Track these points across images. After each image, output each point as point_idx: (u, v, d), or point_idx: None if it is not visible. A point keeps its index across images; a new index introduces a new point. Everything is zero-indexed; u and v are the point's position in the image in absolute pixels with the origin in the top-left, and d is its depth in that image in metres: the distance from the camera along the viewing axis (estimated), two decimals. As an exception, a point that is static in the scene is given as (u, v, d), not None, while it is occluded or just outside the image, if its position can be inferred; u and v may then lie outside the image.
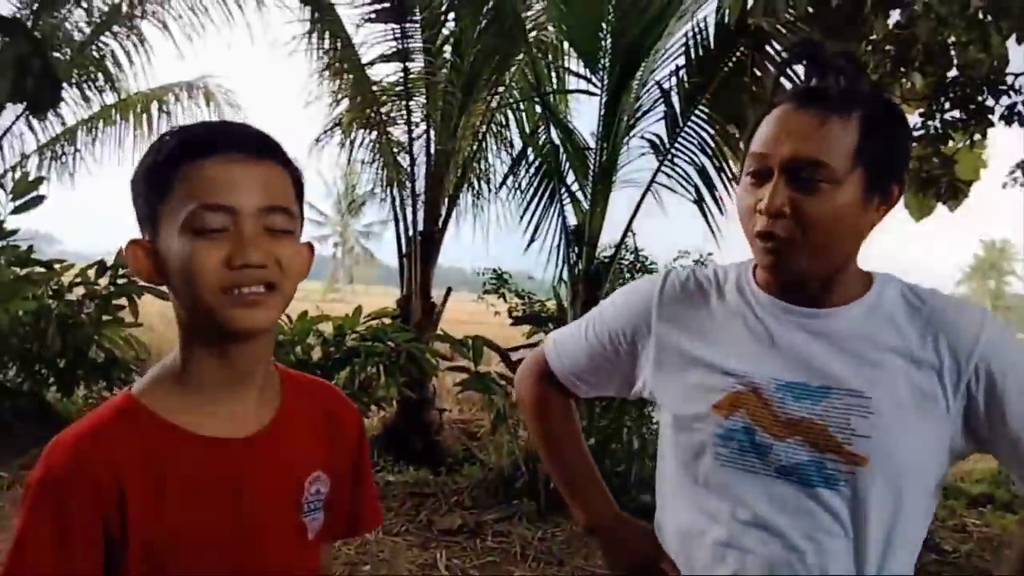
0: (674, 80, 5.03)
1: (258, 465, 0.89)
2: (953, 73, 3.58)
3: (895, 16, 3.47)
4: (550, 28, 6.14)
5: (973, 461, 6.09)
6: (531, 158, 5.55)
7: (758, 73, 5.10)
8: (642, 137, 5.08)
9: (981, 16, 3.16)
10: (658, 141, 5.15)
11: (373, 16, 6.10)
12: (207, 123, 0.95)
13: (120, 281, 5.50)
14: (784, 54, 5.09)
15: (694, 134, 5.22)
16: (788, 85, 1.16)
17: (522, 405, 1.39)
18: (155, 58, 8.00)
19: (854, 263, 1.07)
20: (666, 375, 1.14)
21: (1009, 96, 3.33)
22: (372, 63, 6.25)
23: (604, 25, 4.91)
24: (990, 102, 3.49)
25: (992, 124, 3.48)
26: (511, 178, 5.64)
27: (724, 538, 1.05)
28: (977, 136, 3.57)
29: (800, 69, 1.17)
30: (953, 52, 3.38)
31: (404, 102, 6.15)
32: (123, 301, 5.51)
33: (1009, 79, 3.40)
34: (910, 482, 1.01)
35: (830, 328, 1.04)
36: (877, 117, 1.00)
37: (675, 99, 5.07)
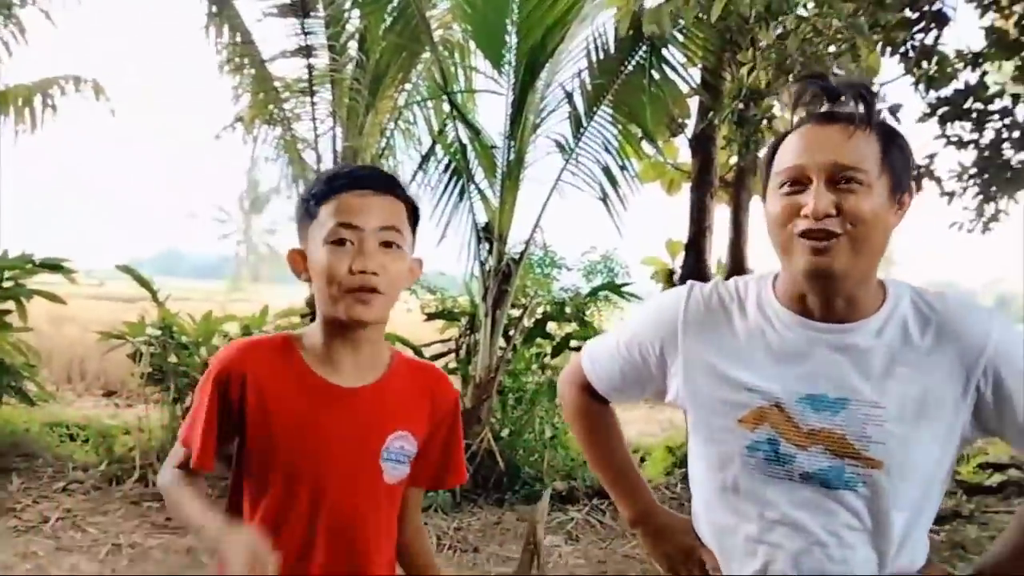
0: (577, 82, 5.19)
1: (353, 409, 1.22)
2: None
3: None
4: (455, 27, 6.21)
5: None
6: (440, 156, 5.61)
7: (655, 76, 5.36)
8: (548, 137, 5.20)
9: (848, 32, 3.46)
10: (563, 141, 5.30)
11: (275, 11, 5.99)
12: (346, 166, 1.33)
13: (6, 284, 5.21)
14: (682, 61, 5.38)
15: (598, 134, 5.42)
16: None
17: (566, 411, 1.51)
18: (36, 50, 7.55)
19: (875, 275, 1.14)
20: (694, 388, 1.22)
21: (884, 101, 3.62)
22: (274, 59, 6.12)
23: (508, 26, 5.02)
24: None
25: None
26: (420, 175, 5.69)
27: (755, 534, 1.17)
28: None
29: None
30: (828, 62, 3.66)
31: (309, 98, 6.06)
32: (9, 305, 5.23)
33: (875, 88, 3.71)
34: (923, 476, 1.12)
35: (848, 342, 1.12)
36: (891, 133, 1.11)
37: (578, 100, 5.24)
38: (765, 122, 3.67)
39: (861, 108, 1.11)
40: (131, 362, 5.15)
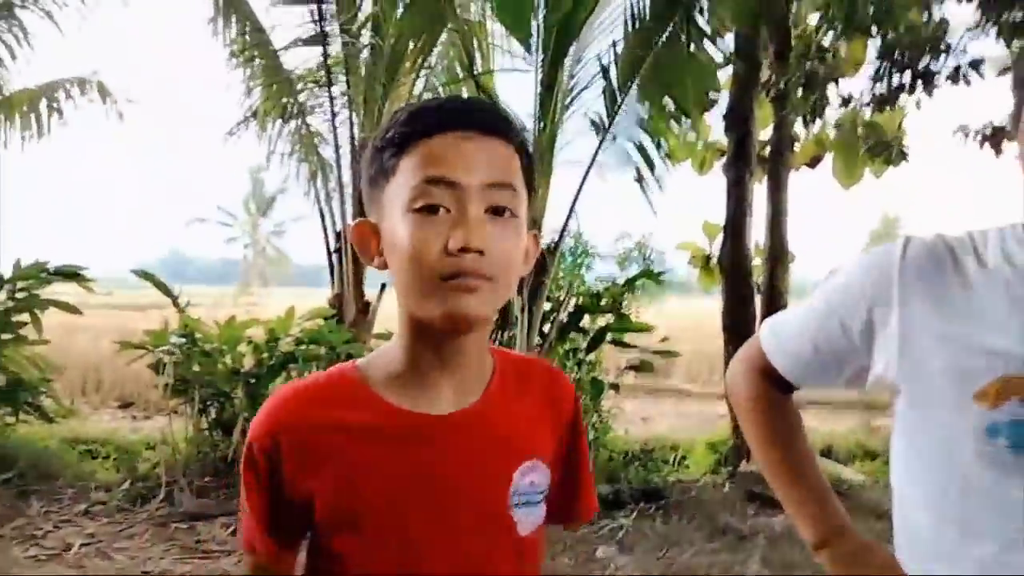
0: (611, 54, 4.88)
1: (460, 442, 0.86)
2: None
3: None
4: (473, 8, 5.91)
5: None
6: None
7: (691, 47, 5.04)
8: (585, 115, 4.90)
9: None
10: (598, 119, 5.00)
11: (284, -2, 5.72)
12: (437, 99, 0.90)
13: (19, 295, 4.96)
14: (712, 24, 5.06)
15: (632, 111, 5.11)
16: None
17: (735, 402, 1.19)
18: (41, 52, 7.32)
19: None
20: (912, 359, 0.94)
21: (953, 56, 3.31)
22: (287, 48, 5.85)
23: (535, 1, 4.72)
24: (934, 65, 3.47)
25: (937, 85, 3.46)
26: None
27: (991, 557, 0.87)
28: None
29: None
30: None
31: (326, 88, 5.78)
32: (24, 317, 4.98)
33: (952, 41, 3.38)
34: None
35: None
36: None
37: (613, 74, 4.93)
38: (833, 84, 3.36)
39: None
40: (148, 372, 4.89)
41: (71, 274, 5.19)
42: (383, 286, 6.26)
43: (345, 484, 0.84)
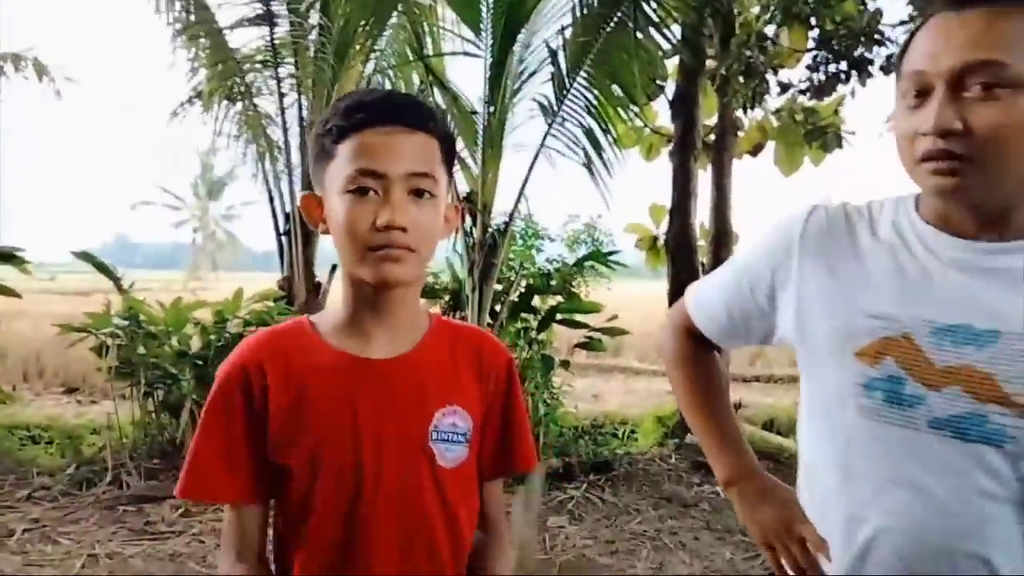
0: (560, 39, 4.94)
1: (391, 384, 1.02)
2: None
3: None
4: (423, -10, 5.89)
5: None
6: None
7: (639, 35, 5.13)
8: (533, 99, 4.95)
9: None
10: (547, 103, 5.06)
11: (231, -24, 5.61)
12: (370, 93, 1.02)
13: (-45, 279, 4.83)
14: (658, 13, 5.17)
15: (579, 96, 5.18)
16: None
17: (665, 359, 1.30)
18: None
19: None
20: (805, 318, 1.03)
21: (886, 47, 3.46)
22: (233, 27, 5.75)
23: (485, -16, 4.74)
24: (868, 54, 3.62)
25: (871, 75, 3.61)
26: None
27: (866, 498, 0.95)
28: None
29: None
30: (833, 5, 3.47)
31: (273, 70, 5.71)
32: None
33: (886, 31, 3.53)
34: None
35: (1004, 264, 0.91)
36: None
37: (561, 59, 4.99)
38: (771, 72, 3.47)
39: None
40: (93, 357, 4.81)
41: (7, 256, 5.06)
42: (333, 267, 6.23)
43: (296, 407, 1.00)
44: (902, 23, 3.78)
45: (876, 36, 3.53)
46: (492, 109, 4.94)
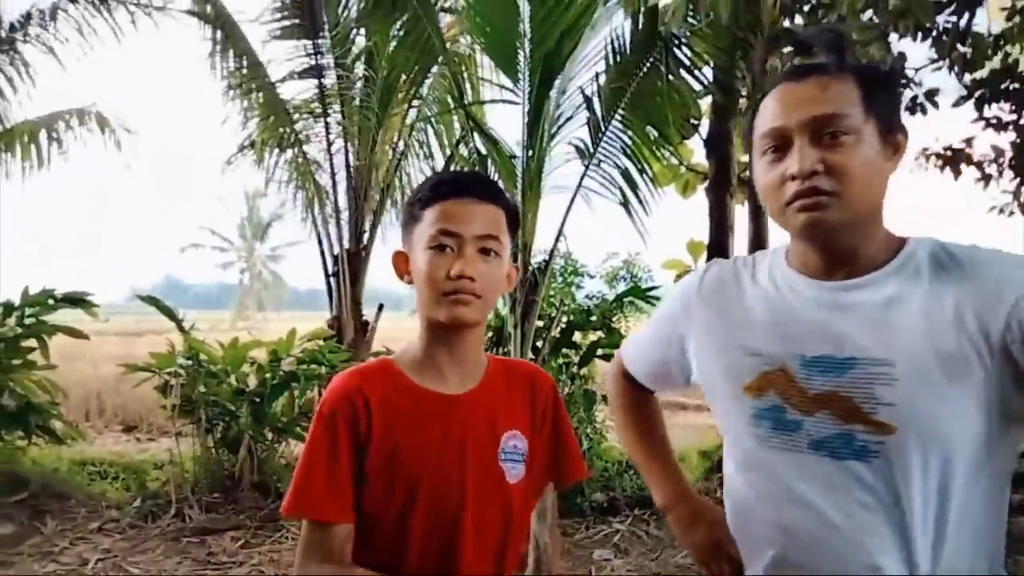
0: (594, 86, 5.14)
1: (466, 416, 1.21)
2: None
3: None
4: (462, 40, 6.18)
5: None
6: (457, 169, 5.55)
7: (671, 78, 5.31)
8: (569, 143, 5.15)
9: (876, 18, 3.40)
10: (583, 146, 5.24)
11: (279, 33, 5.98)
12: (453, 172, 1.28)
13: (28, 321, 5.14)
14: (689, 57, 5.35)
15: (615, 138, 5.36)
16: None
17: (609, 399, 1.48)
18: (41, 85, 7.54)
19: (882, 225, 1.07)
20: (706, 361, 1.19)
21: (911, 88, 3.57)
22: (283, 80, 6.10)
23: (521, 34, 4.97)
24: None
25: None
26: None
27: (771, 518, 1.08)
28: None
29: None
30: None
31: (322, 119, 6.02)
32: (32, 343, 5.15)
33: (909, 73, 3.64)
34: (952, 452, 0.96)
35: (856, 299, 1.04)
36: (872, 75, 1.04)
37: (596, 104, 5.19)
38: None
39: (833, 56, 1.04)
40: (150, 395, 5.06)
41: (78, 300, 5.37)
42: (380, 307, 6.48)
43: (391, 436, 1.17)
44: (923, 67, 3.91)
45: (902, 79, 3.64)
46: (531, 153, 5.13)
